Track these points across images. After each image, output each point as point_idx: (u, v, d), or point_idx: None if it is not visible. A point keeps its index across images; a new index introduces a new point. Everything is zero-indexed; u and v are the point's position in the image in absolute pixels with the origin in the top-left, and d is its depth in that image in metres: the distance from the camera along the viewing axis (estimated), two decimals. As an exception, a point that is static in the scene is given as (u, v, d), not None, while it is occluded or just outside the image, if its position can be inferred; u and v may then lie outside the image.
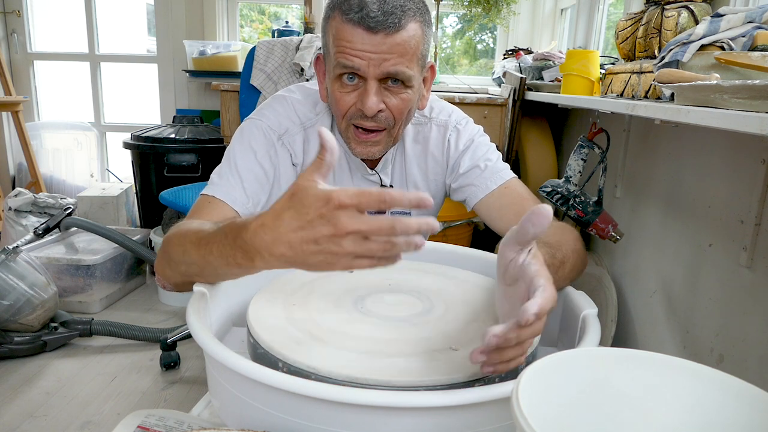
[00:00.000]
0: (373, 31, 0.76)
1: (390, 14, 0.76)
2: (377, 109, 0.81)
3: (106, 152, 3.16)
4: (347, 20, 0.77)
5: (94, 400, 1.52)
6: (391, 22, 0.76)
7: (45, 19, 3.01)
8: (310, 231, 0.49)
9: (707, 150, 1.06)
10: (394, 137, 0.88)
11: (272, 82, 2.02)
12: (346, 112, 0.84)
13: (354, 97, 0.82)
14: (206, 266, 0.62)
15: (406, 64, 0.79)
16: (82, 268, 2.06)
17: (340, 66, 0.80)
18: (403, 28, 0.77)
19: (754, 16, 0.88)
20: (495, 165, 0.95)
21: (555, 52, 1.93)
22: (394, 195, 0.48)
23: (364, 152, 0.87)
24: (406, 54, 0.79)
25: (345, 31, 0.78)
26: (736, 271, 0.95)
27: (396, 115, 0.84)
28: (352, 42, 0.77)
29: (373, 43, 0.77)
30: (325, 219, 0.48)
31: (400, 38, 0.77)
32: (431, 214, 1.05)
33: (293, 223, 0.50)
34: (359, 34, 0.77)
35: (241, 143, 0.88)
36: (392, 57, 0.78)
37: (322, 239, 0.49)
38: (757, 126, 0.57)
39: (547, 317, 0.50)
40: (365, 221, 0.48)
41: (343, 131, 0.87)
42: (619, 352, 0.46)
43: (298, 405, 0.49)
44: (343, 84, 0.82)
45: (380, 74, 0.79)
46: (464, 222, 2.07)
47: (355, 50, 0.78)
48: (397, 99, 0.82)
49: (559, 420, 0.43)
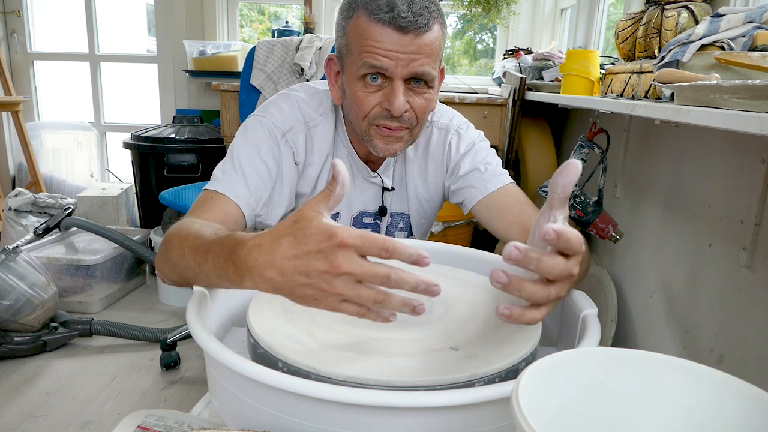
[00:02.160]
0: (404, 31, 0.76)
1: (419, 15, 0.76)
2: (405, 109, 0.82)
3: (106, 152, 3.16)
4: (376, 20, 0.77)
5: (94, 400, 1.52)
6: (421, 23, 0.77)
7: (45, 19, 3.01)
8: (305, 262, 0.48)
9: (707, 150, 1.06)
10: (413, 137, 0.89)
11: (272, 82, 2.02)
12: (369, 112, 0.83)
13: (378, 97, 0.82)
14: (200, 273, 0.61)
15: (431, 64, 0.80)
16: (82, 268, 2.06)
17: (366, 66, 0.79)
18: (431, 29, 0.78)
19: (754, 16, 0.88)
20: (495, 169, 0.95)
21: (555, 52, 1.93)
22: (397, 247, 0.47)
23: (387, 149, 0.87)
24: (432, 54, 0.80)
25: (373, 30, 0.77)
26: (736, 271, 0.95)
27: (419, 114, 0.84)
28: (381, 42, 0.77)
29: (402, 43, 0.77)
30: (323, 254, 0.47)
31: (427, 39, 0.78)
32: (429, 218, 1.06)
33: (290, 251, 0.49)
34: (389, 34, 0.77)
35: (245, 139, 0.88)
36: (420, 57, 0.78)
37: (315, 273, 0.48)
38: (757, 126, 0.57)
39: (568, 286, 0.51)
40: (361, 265, 0.47)
41: (364, 131, 0.87)
42: (619, 352, 0.46)
43: (298, 405, 0.49)
44: (366, 84, 0.82)
45: (407, 74, 0.79)
46: (464, 222, 2.07)
47: (385, 50, 0.77)
48: (420, 99, 0.83)
49: (559, 420, 0.43)
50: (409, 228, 1.04)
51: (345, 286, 0.48)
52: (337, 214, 0.98)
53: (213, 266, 0.58)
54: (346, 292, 0.48)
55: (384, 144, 0.86)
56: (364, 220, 1.01)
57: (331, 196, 0.50)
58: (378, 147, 0.87)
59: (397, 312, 0.50)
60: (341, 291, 0.48)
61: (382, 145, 0.86)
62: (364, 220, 1.01)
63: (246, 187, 0.84)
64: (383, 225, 1.02)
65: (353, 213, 0.99)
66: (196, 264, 0.61)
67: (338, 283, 0.48)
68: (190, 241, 0.64)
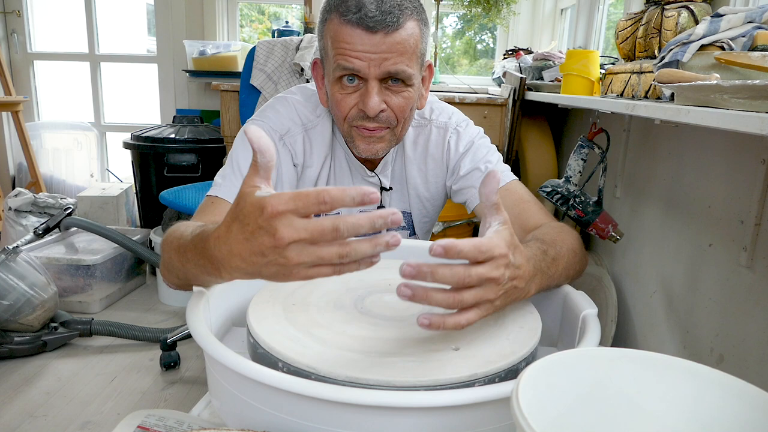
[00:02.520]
0: (372, 30, 0.76)
1: (388, 13, 0.76)
2: (379, 109, 0.81)
3: (106, 152, 3.16)
4: (345, 21, 0.77)
5: (94, 400, 1.52)
6: (390, 21, 0.76)
7: (45, 19, 3.01)
8: (254, 243, 0.46)
9: (707, 150, 1.06)
10: (397, 137, 0.88)
11: (272, 82, 2.02)
12: (347, 114, 0.84)
13: (355, 98, 0.82)
14: (187, 273, 0.61)
15: (406, 62, 0.79)
16: (82, 268, 2.06)
17: (340, 68, 0.79)
18: (402, 26, 0.77)
19: (754, 16, 0.88)
20: (495, 167, 0.95)
21: (555, 52, 1.93)
22: (333, 194, 0.44)
23: (369, 150, 0.87)
24: (406, 53, 0.79)
25: (343, 32, 0.78)
26: (736, 271, 0.95)
27: (398, 114, 0.84)
28: (352, 43, 0.77)
29: (373, 43, 0.77)
30: (264, 229, 0.45)
31: (399, 37, 0.77)
32: (431, 217, 1.06)
33: (240, 235, 0.47)
34: (358, 35, 0.77)
35: (243, 144, 0.89)
36: (392, 56, 0.78)
37: (267, 251, 0.46)
38: (757, 126, 0.57)
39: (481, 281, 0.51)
40: (303, 228, 0.44)
41: (346, 133, 0.87)
42: (619, 352, 0.46)
43: (298, 405, 0.49)
44: (343, 86, 0.82)
45: (381, 74, 0.79)
46: (464, 222, 2.07)
47: (355, 51, 0.77)
48: (398, 98, 0.82)
49: (559, 420, 0.43)
50: (411, 227, 1.04)
51: (300, 253, 0.45)
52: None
53: (195, 265, 0.58)
54: (304, 259, 0.45)
55: (365, 145, 0.86)
56: None
57: (258, 167, 0.48)
58: (360, 148, 0.87)
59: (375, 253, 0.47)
60: (298, 260, 0.45)
61: (364, 146, 0.87)
62: None
63: None
64: None
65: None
66: (181, 264, 0.61)
67: (291, 254, 0.45)
68: (174, 244, 0.64)
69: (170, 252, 0.65)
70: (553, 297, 0.75)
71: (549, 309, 0.75)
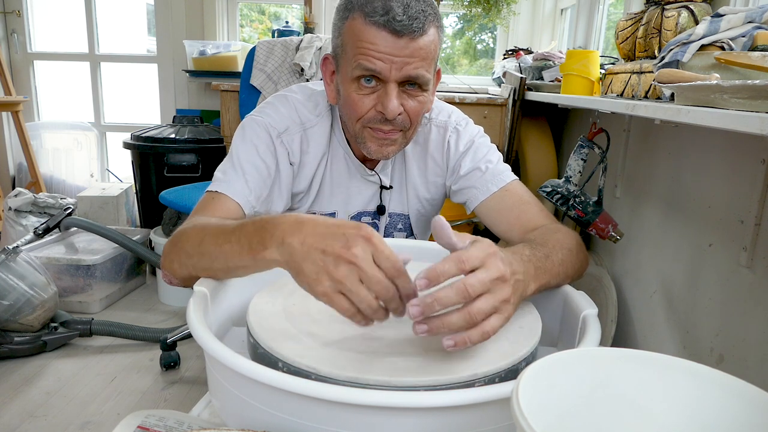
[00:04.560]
0: (398, 35, 0.76)
1: (414, 19, 0.76)
2: (398, 112, 0.82)
3: (106, 152, 3.16)
4: (371, 23, 0.77)
5: (94, 400, 1.52)
6: (416, 27, 0.77)
7: (45, 19, 3.01)
8: (327, 240, 0.51)
9: (707, 150, 1.06)
10: (407, 140, 0.89)
11: (272, 82, 2.02)
12: (364, 115, 0.84)
13: (372, 99, 0.82)
14: (219, 257, 0.64)
15: (425, 68, 0.80)
16: (82, 268, 2.06)
17: (360, 68, 0.79)
18: (426, 32, 0.78)
19: (754, 16, 0.88)
20: (496, 167, 0.95)
21: (555, 52, 1.93)
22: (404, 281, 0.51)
23: (381, 152, 0.87)
24: (427, 58, 0.80)
25: (368, 33, 0.77)
26: (736, 271, 0.95)
27: (413, 117, 0.84)
28: (376, 44, 0.77)
29: (397, 46, 0.77)
30: (345, 237, 0.50)
31: (422, 42, 0.78)
32: (430, 216, 1.06)
33: (320, 228, 0.52)
34: (383, 37, 0.77)
35: (243, 139, 0.89)
36: (414, 61, 0.78)
37: (329, 252, 0.50)
38: (757, 126, 0.57)
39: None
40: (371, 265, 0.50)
41: (357, 133, 0.87)
42: (619, 352, 0.46)
43: (298, 405, 0.49)
44: (360, 86, 0.82)
45: (401, 77, 0.79)
46: (464, 222, 2.07)
47: (379, 53, 0.78)
48: (414, 102, 0.83)
49: (559, 420, 0.43)
50: (408, 229, 1.04)
51: (348, 276, 0.50)
52: (333, 214, 0.98)
53: (237, 242, 0.61)
54: (346, 283, 0.50)
55: (377, 146, 0.87)
56: (362, 219, 1.00)
57: None
58: (371, 149, 0.87)
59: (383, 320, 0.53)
60: (342, 278, 0.50)
61: (375, 148, 0.87)
62: (362, 220, 1.00)
63: (245, 184, 0.85)
64: (382, 225, 1.02)
65: (351, 213, 0.99)
66: (217, 246, 0.64)
67: (343, 270, 0.50)
68: (211, 228, 0.67)
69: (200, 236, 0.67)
70: (553, 297, 0.75)
71: (549, 309, 0.75)
